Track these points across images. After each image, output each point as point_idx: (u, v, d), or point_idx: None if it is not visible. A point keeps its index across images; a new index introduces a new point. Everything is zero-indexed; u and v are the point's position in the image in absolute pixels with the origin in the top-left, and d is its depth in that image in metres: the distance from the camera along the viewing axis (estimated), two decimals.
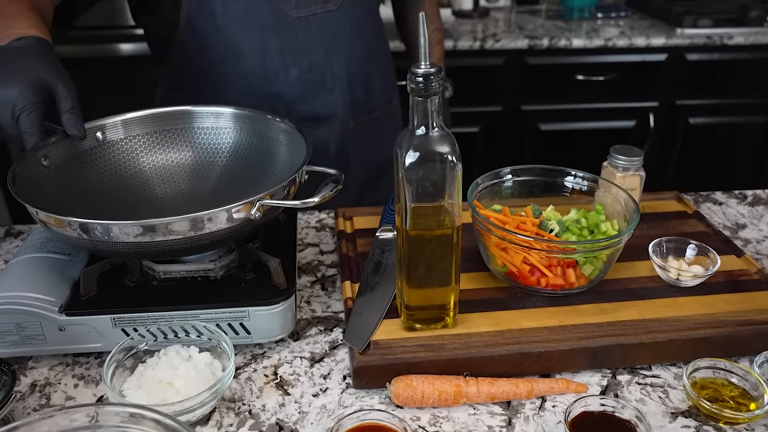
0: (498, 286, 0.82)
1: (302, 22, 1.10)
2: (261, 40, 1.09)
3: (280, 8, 1.07)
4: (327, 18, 1.11)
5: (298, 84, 1.13)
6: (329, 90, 1.16)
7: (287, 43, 1.10)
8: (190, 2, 1.06)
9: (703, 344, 0.74)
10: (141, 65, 2.09)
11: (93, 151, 0.87)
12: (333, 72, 1.15)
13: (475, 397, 0.70)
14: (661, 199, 1.03)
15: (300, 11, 1.09)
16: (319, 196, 0.73)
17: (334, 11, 1.11)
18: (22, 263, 0.78)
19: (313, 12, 1.09)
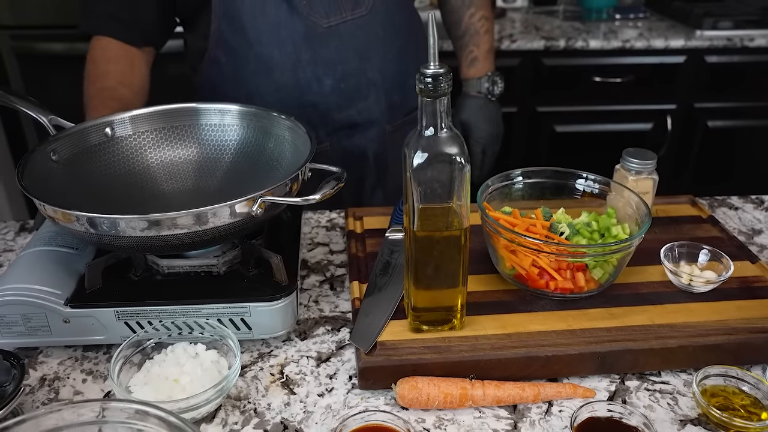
0: (506, 289, 0.81)
1: (332, 31, 1.08)
2: (292, 53, 1.08)
3: (309, 19, 1.06)
4: (358, 24, 1.09)
5: (333, 94, 1.12)
6: (364, 96, 1.14)
7: (319, 54, 1.09)
8: (221, 16, 1.05)
9: (714, 351, 0.73)
10: (157, 63, 2.10)
11: (101, 146, 0.87)
12: (367, 78, 1.13)
13: (481, 400, 0.69)
14: (675, 203, 1.02)
15: (330, 20, 1.07)
16: (320, 193, 0.73)
17: (365, 16, 1.09)
18: (31, 256, 0.78)
19: (343, 19, 1.08)
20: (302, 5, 1.06)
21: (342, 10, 1.07)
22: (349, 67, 1.11)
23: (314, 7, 1.06)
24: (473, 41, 1.31)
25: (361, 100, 1.14)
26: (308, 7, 1.06)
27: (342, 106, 1.14)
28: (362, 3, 1.09)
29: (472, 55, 1.32)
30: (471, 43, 1.32)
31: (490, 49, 1.33)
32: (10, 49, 2.07)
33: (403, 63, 1.18)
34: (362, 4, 1.09)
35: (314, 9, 1.06)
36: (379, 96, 1.16)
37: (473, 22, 1.30)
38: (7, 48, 2.07)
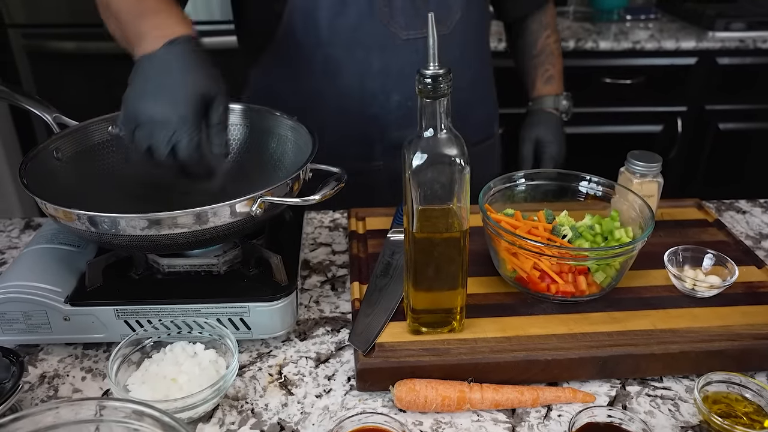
0: (507, 292, 0.80)
1: (410, 44, 1.03)
2: (363, 61, 1.04)
3: (389, 28, 1.02)
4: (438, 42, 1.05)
5: (398, 110, 1.08)
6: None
7: (391, 66, 1.04)
8: (294, 10, 1.01)
9: (717, 357, 0.72)
10: None
11: (105, 144, 0.88)
12: None
13: (479, 404, 0.68)
14: (681, 207, 1.00)
15: (409, 33, 1.03)
16: (320, 194, 0.73)
17: (445, 35, 1.05)
18: (33, 254, 0.79)
19: (423, 34, 1.02)
20: (384, 12, 1.01)
21: (423, 25, 1.00)
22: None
23: (395, 17, 1.02)
24: (549, 61, 1.29)
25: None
26: (389, 15, 1.02)
27: (403, 125, 1.09)
28: (445, 21, 1.05)
29: (549, 73, 1.30)
30: (547, 63, 1.29)
31: (562, 71, 1.32)
32: (22, 48, 2.09)
33: (472, 92, 1.15)
34: (445, 23, 1.05)
35: (395, 19, 1.02)
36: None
37: (549, 44, 1.29)
38: (18, 46, 2.09)
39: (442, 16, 1.04)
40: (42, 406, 0.58)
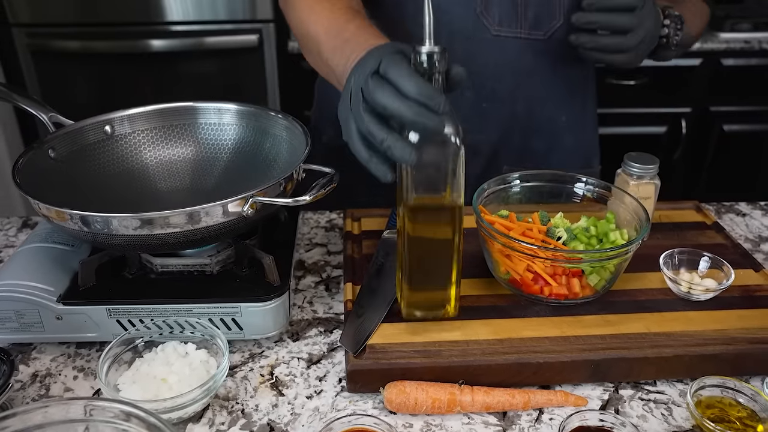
0: (501, 294, 0.80)
1: (500, 42, 0.95)
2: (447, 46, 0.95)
3: (480, 18, 0.94)
4: (530, 46, 0.96)
5: (469, 109, 0.99)
6: (496, 128, 1.02)
7: (475, 59, 0.96)
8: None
9: (711, 361, 0.71)
10: (170, 61, 2.12)
11: (100, 144, 0.88)
12: (513, 110, 1.00)
13: (470, 406, 0.68)
14: (680, 209, 1.00)
15: (501, 29, 0.95)
16: (310, 194, 0.72)
17: (542, 41, 0.96)
18: (27, 252, 0.79)
19: (516, 34, 0.95)
20: (478, 1, 0.94)
21: (518, 24, 0.95)
22: (502, 89, 0.98)
23: (489, 9, 0.95)
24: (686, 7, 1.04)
25: (496, 131, 1.01)
26: (483, 6, 0.94)
27: (472, 128, 1.00)
28: (543, 24, 0.96)
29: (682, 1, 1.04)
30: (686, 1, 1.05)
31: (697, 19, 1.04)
32: (26, 47, 2.09)
33: (561, 113, 1.03)
34: (542, 27, 0.96)
35: (489, 11, 0.95)
36: (515, 134, 1.02)
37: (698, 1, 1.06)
38: (22, 45, 2.09)
39: (541, 19, 0.96)
40: (30, 406, 0.58)
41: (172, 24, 2.12)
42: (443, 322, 0.75)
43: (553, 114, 1.05)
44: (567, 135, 1.07)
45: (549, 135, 1.06)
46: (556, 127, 1.06)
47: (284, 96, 2.18)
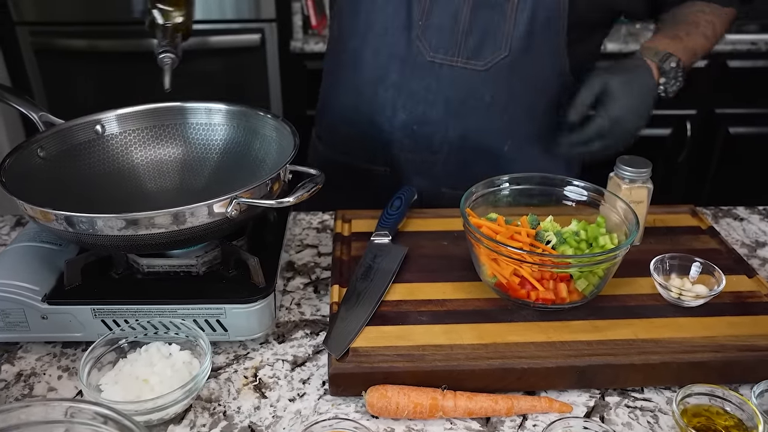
0: (488, 298, 0.79)
1: (434, 68, 0.96)
2: (384, 66, 0.99)
3: (415, 43, 0.95)
4: (466, 75, 0.96)
5: (401, 131, 1.02)
6: (433, 150, 1.02)
7: (408, 83, 0.98)
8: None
9: (700, 369, 0.70)
10: None
11: (89, 144, 0.88)
12: (445, 135, 1.00)
13: (452, 412, 0.67)
14: (674, 213, 0.98)
15: (436, 56, 0.95)
16: (294, 196, 0.72)
17: (479, 71, 0.95)
18: (14, 252, 0.79)
19: (451, 63, 0.95)
20: (417, 24, 0.95)
21: (455, 53, 0.94)
22: (432, 114, 0.99)
23: (426, 33, 0.95)
24: (684, 29, 1.02)
25: (429, 153, 1.02)
26: (421, 29, 0.95)
27: (405, 146, 1.03)
28: (483, 56, 0.94)
29: (674, 32, 1.02)
30: (681, 27, 1.03)
31: (696, 49, 1.02)
32: (30, 45, 2.10)
33: (503, 143, 1.02)
34: (482, 57, 0.94)
35: (425, 35, 0.95)
36: (450, 159, 1.03)
37: (696, 18, 1.03)
38: (26, 44, 2.11)
39: (483, 50, 0.94)
40: (11, 405, 0.58)
41: None
42: (429, 326, 0.74)
43: (492, 142, 1.02)
44: (512, 162, 1.03)
45: (490, 162, 1.03)
46: (499, 154, 1.04)
47: (286, 95, 2.18)
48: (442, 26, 0.94)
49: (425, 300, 0.79)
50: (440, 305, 0.78)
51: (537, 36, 0.94)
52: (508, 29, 0.93)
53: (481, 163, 1.03)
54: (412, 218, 0.96)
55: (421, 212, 0.97)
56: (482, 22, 0.93)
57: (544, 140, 1.03)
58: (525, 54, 0.95)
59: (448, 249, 0.89)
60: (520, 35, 0.93)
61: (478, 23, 0.93)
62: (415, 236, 0.92)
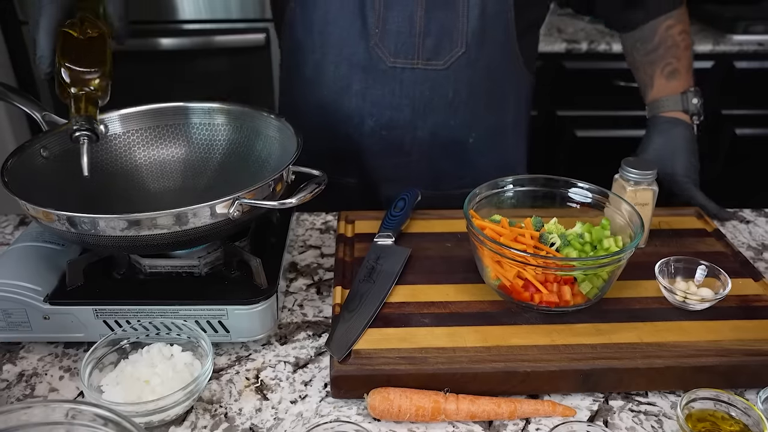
0: (492, 300, 0.79)
1: (395, 73, 0.98)
2: (346, 76, 0.99)
3: (374, 50, 0.97)
4: (428, 76, 0.98)
5: (371, 137, 1.03)
6: (405, 153, 1.04)
7: (371, 90, 0.99)
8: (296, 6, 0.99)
9: (705, 373, 0.70)
10: (179, 60, 2.12)
11: (93, 144, 0.87)
12: (414, 136, 1.02)
13: (454, 415, 0.67)
14: (680, 215, 0.98)
15: (396, 61, 0.97)
16: (296, 197, 0.71)
17: (440, 70, 0.98)
18: (17, 251, 0.79)
19: (412, 65, 0.97)
20: (374, 32, 0.96)
21: (414, 55, 0.96)
22: (399, 117, 1.00)
23: (384, 40, 0.96)
24: (671, 53, 1.06)
25: (401, 156, 1.04)
26: (378, 37, 0.96)
27: (377, 154, 1.04)
28: (442, 55, 0.97)
29: (671, 66, 1.06)
30: (669, 56, 1.06)
31: (691, 66, 1.07)
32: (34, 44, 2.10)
33: (468, 135, 1.05)
34: (441, 57, 0.97)
35: (383, 42, 0.96)
36: (422, 159, 1.04)
37: (671, 35, 1.06)
38: (31, 42, 2.11)
39: (440, 49, 0.97)
40: (17, 404, 0.58)
41: (184, 23, 2.13)
42: (432, 328, 0.74)
43: (458, 136, 1.05)
44: (478, 154, 1.08)
45: (458, 156, 1.06)
46: (464, 147, 1.06)
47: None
48: (399, 31, 0.96)
49: (428, 302, 0.78)
50: (443, 307, 0.78)
51: (489, 30, 0.97)
52: (462, 26, 0.96)
53: (450, 158, 1.06)
54: (415, 219, 0.96)
55: (425, 213, 0.97)
56: (437, 23, 0.95)
57: (504, 128, 1.08)
58: (480, 48, 0.98)
59: (452, 251, 0.89)
60: (474, 31, 0.96)
61: (433, 24, 0.95)
62: (418, 238, 0.91)
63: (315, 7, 0.98)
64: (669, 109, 1.05)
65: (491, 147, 1.08)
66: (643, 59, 1.08)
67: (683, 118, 1.03)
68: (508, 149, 1.11)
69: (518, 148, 1.14)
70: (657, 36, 1.06)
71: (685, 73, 1.06)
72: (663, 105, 1.05)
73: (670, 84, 1.06)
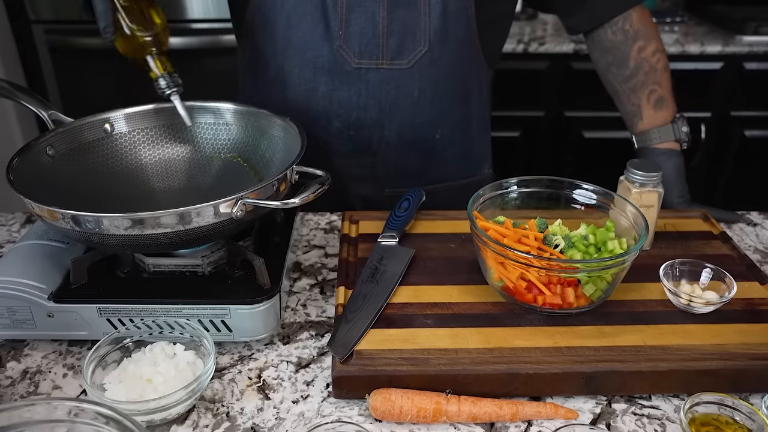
0: (495, 302, 0.78)
1: (360, 74, 0.98)
2: (311, 80, 1.00)
3: (339, 52, 0.97)
4: (393, 75, 0.99)
5: (339, 138, 1.04)
6: (371, 153, 1.05)
7: (337, 92, 1.00)
8: (256, 11, 0.99)
9: (709, 377, 0.69)
10: (187, 59, 2.13)
11: (98, 142, 0.88)
12: (382, 135, 1.03)
13: (456, 416, 0.67)
14: (686, 218, 0.97)
15: (361, 62, 0.97)
16: (299, 197, 0.71)
17: (404, 69, 0.98)
18: (22, 249, 0.79)
19: (377, 66, 0.97)
20: (338, 34, 0.96)
21: (379, 56, 0.97)
22: (366, 117, 1.01)
23: (348, 42, 0.97)
24: (651, 79, 1.05)
25: (368, 155, 1.05)
26: (342, 39, 0.96)
27: (343, 153, 1.05)
28: (406, 54, 0.97)
29: (657, 95, 1.05)
30: (649, 82, 1.05)
31: (671, 88, 1.06)
32: (45, 43, 2.12)
33: (434, 132, 1.06)
34: (405, 56, 0.97)
35: (347, 43, 0.97)
36: (389, 157, 1.06)
37: (645, 57, 1.04)
38: (41, 42, 2.12)
39: (404, 48, 0.97)
40: (20, 402, 0.59)
41: (192, 22, 2.14)
42: (434, 329, 0.74)
43: (425, 134, 1.06)
44: (443, 150, 1.09)
45: (424, 152, 1.07)
46: (431, 144, 1.07)
47: None
48: (363, 32, 0.96)
49: (431, 303, 0.78)
50: (446, 308, 0.77)
51: (451, 26, 0.98)
52: (425, 25, 0.97)
53: (417, 155, 1.07)
54: (420, 220, 0.96)
55: (430, 214, 0.97)
56: (400, 22, 0.96)
57: (469, 122, 1.10)
58: (443, 46, 0.99)
59: (456, 251, 0.88)
60: (436, 29, 0.97)
61: (395, 24, 0.96)
62: (422, 238, 0.91)
63: (276, 12, 0.98)
64: (662, 140, 1.06)
65: (456, 142, 1.10)
66: (623, 87, 1.08)
67: (675, 148, 1.05)
68: (472, 143, 1.13)
69: (483, 142, 1.16)
70: (631, 60, 1.06)
71: (670, 100, 1.06)
72: (655, 137, 1.06)
73: (658, 114, 1.06)
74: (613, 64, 1.07)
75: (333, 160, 1.07)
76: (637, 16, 1.05)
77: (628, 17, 1.05)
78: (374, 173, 1.09)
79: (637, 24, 1.04)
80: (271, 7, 0.98)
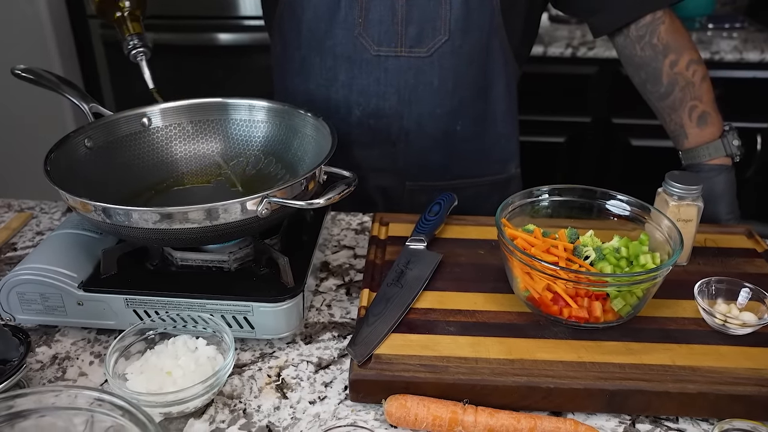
0: (520, 311, 0.77)
1: (380, 61, 0.99)
2: (332, 68, 1.01)
3: (358, 40, 0.98)
4: (412, 63, 0.98)
5: (358, 127, 1.04)
6: (391, 143, 1.05)
7: (357, 80, 1.00)
8: (285, 6, 1.02)
9: (741, 402, 0.66)
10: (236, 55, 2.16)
11: (134, 136, 0.90)
12: (401, 125, 1.03)
13: (472, 427, 0.66)
14: (729, 233, 0.93)
15: (380, 49, 0.98)
16: (324, 198, 0.71)
17: (423, 58, 0.98)
18: (57, 238, 0.82)
19: (396, 53, 0.98)
20: (357, 22, 0.97)
21: (398, 43, 0.97)
22: (385, 106, 1.01)
23: (368, 29, 0.97)
24: (690, 94, 0.98)
25: (388, 145, 1.05)
26: (362, 26, 0.97)
27: (364, 143, 1.05)
28: (425, 42, 0.97)
29: (699, 110, 0.99)
30: (688, 98, 0.99)
31: (712, 99, 1.00)
32: (99, 37, 2.19)
33: (455, 124, 1.04)
34: (425, 44, 0.97)
35: (367, 31, 0.97)
36: (409, 148, 1.05)
37: (680, 72, 0.98)
38: (96, 36, 2.19)
39: (423, 37, 0.97)
40: (46, 386, 0.61)
41: (244, 18, 2.17)
42: (455, 337, 0.73)
43: (445, 125, 1.04)
44: (464, 143, 1.07)
45: (444, 145, 1.06)
46: (451, 137, 1.06)
47: None
48: (382, 20, 0.96)
49: (455, 310, 0.77)
50: (470, 316, 0.76)
51: (473, 16, 0.97)
52: (445, 14, 0.96)
53: (437, 148, 1.06)
54: (450, 225, 0.94)
55: (461, 219, 0.95)
56: (419, 10, 0.96)
57: (493, 117, 1.07)
58: (464, 35, 0.98)
59: (484, 258, 0.87)
60: (457, 18, 0.96)
61: (415, 11, 0.96)
62: (451, 243, 0.90)
63: (304, 5, 1.00)
64: (712, 157, 1.00)
65: (477, 136, 1.08)
66: (661, 105, 1.02)
67: (727, 163, 1.00)
68: (496, 140, 1.10)
69: (509, 140, 1.12)
70: (664, 77, 1.00)
71: (714, 114, 0.99)
72: (704, 154, 1.00)
73: (704, 131, 1.00)
74: (648, 81, 1.02)
75: (353, 150, 1.07)
76: (665, 28, 0.98)
77: (654, 31, 0.98)
78: (394, 164, 1.08)
79: (665, 36, 0.98)
80: (299, 3, 1.00)
